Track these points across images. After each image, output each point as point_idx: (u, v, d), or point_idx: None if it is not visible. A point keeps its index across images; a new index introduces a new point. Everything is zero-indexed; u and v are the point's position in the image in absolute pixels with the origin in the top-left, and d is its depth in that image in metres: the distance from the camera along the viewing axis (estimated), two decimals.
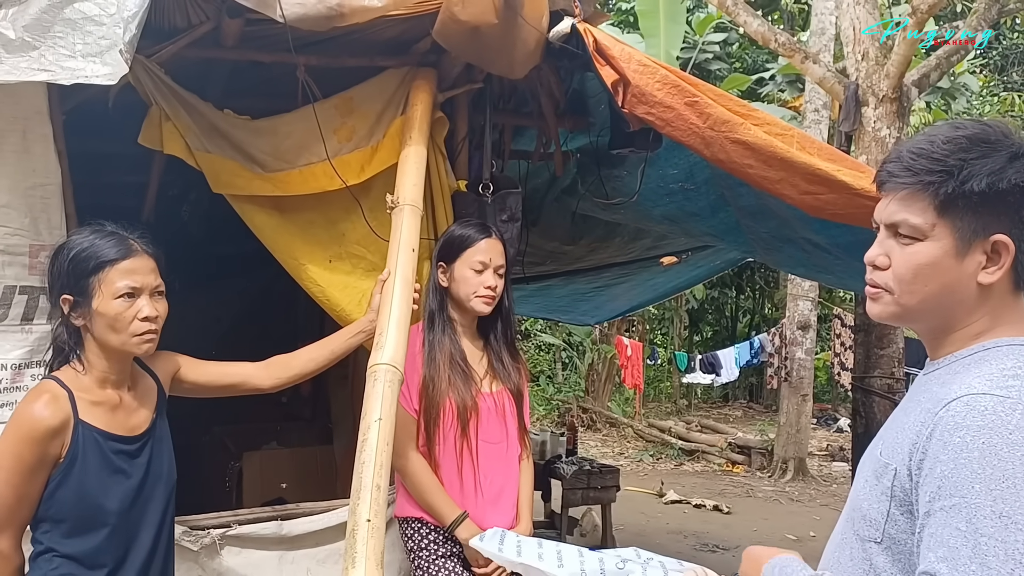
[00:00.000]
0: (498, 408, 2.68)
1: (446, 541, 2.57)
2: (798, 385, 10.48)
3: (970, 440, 1.13)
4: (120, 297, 1.93)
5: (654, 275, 6.32)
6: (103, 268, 1.93)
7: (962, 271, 1.26)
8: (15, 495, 1.87)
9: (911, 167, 1.28)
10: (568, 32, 2.76)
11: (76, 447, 1.92)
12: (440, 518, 2.54)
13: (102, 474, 1.95)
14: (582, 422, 12.84)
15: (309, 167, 2.87)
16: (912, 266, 1.29)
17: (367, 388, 2.16)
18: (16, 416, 1.92)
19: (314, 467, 4.60)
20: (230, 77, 3.07)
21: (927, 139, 1.29)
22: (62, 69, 2.09)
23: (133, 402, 2.06)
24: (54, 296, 2.00)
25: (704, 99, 2.66)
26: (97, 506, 1.94)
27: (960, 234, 1.25)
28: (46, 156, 2.53)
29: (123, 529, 1.99)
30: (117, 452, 1.98)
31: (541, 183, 4.42)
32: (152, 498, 2.06)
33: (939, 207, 1.26)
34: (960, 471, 1.13)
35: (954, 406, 1.18)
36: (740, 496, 9.45)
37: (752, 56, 15.70)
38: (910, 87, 5.22)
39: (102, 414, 1.98)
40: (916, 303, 1.31)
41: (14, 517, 1.89)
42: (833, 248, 3.33)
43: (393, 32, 2.80)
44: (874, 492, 1.28)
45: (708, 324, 18.58)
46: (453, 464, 2.58)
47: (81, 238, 1.99)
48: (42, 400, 1.90)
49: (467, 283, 2.62)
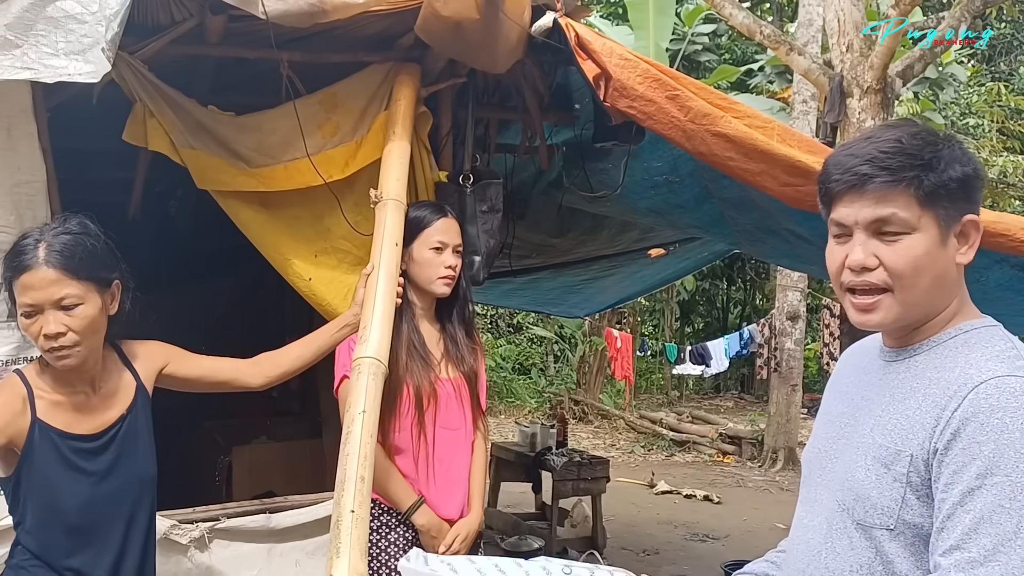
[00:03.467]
0: (457, 393, 2.62)
1: (399, 524, 2.53)
2: (788, 375, 10.54)
3: (1009, 420, 1.18)
4: (22, 315, 1.87)
5: (642, 267, 6.35)
6: (12, 282, 1.87)
7: (947, 256, 1.32)
8: None
9: (889, 166, 1.30)
10: (550, 27, 2.78)
11: (31, 445, 1.90)
12: (396, 504, 2.50)
13: (57, 472, 1.92)
14: (574, 414, 12.87)
15: (294, 163, 2.88)
16: (910, 259, 1.30)
17: (351, 381, 2.18)
18: None
19: (304, 461, 4.63)
20: (214, 74, 3.08)
21: (893, 139, 1.33)
22: (45, 67, 2.10)
23: (102, 400, 2.02)
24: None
25: (685, 92, 2.69)
26: (52, 504, 1.93)
27: (943, 222, 1.30)
28: (31, 154, 2.54)
29: (85, 528, 1.96)
30: (76, 451, 1.95)
31: (527, 177, 4.44)
32: (120, 497, 2.02)
33: (923, 199, 1.30)
34: (1004, 451, 1.17)
35: (983, 389, 1.22)
36: (730, 486, 9.51)
37: (741, 47, 15.70)
38: (894, 78, 5.25)
39: (62, 412, 1.94)
40: (918, 297, 1.32)
41: None
42: (816, 239, 3.35)
43: (376, 28, 2.81)
44: (883, 480, 1.29)
45: (699, 315, 18.63)
46: (409, 451, 2.53)
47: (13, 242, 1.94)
48: (6, 385, 1.92)
49: (428, 265, 2.57)
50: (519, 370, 15.73)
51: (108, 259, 1.96)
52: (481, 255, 3.02)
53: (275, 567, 2.90)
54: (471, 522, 2.61)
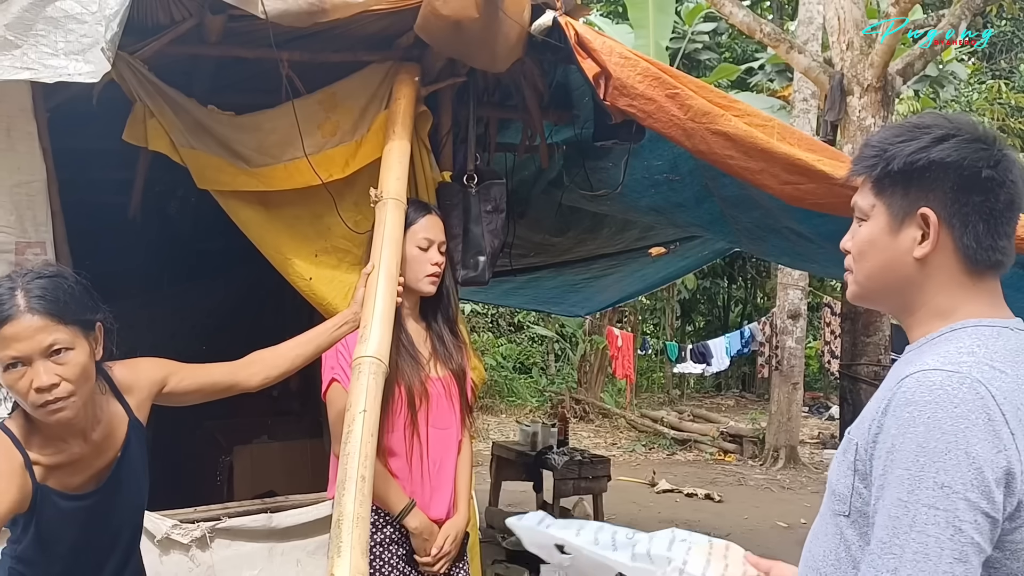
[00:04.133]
0: (447, 392, 2.59)
1: (386, 525, 2.47)
2: (789, 374, 10.54)
3: (917, 414, 1.18)
4: (6, 369, 1.69)
5: (643, 266, 6.35)
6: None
7: (897, 247, 1.33)
8: None
9: (860, 155, 1.38)
10: (550, 25, 2.78)
11: (35, 508, 1.79)
12: (389, 507, 2.45)
13: (60, 526, 1.85)
14: (575, 413, 12.88)
15: (294, 162, 2.88)
16: (857, 244, 1.39)
17: (352, 380, 2.18)
18: None
19: (304, 461, 4.63)
20: (214, 73, 3.09)
21: (881, 130, 1.39)
22: (45, 67, 2.10)
23: (93, 449, 1.88)
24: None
25: (685, 91, 2.69)
26: (50, 544, 1.86)
27: (892, 211, 1.33)
28: (31, 154, 2.54)
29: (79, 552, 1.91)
30: (76, 507, 1.86)
31: (528, 176, 4.44)
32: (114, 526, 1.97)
33: (873, 188, 1.36)
34: (907, 444, 1.18)
35: (906, 383, 1.22)
36: (732, 485, 9.51)
37: (741, 46, 15.70)
38: (895, 76, 5.24)
39: (58, 473, 1.83)
40: (866, 280, 1.39)
41: None
42: (816, 237, 3.36)
43: (376, 27, 2.81)
44: (841, 467, 1.33)
45: (700, 314, 18.63)
46: (402, 452, 2.49)
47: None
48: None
49: (416, 262, 2.54)
50: (520, 369, 15.74)
51: (88, 300, 1.82)
52: (486, 255, 3.03)
53: (276, 566, 2.90)
54: (459, 522, 2.58)
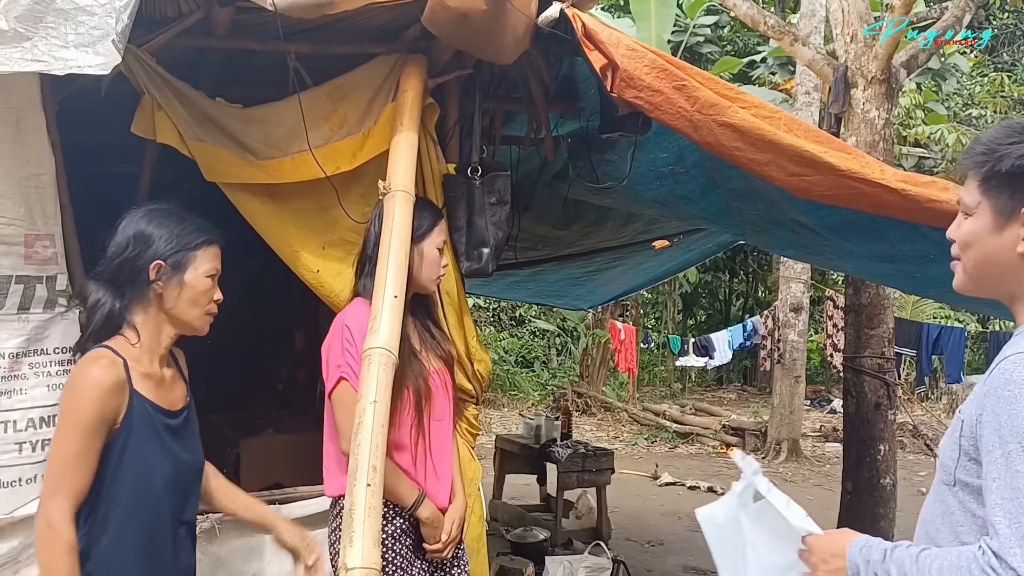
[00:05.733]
0: (443, 383, 2.64)
1: (396, 516, 2.50)
2: (791, 367, 10.55)
3: (1018, 392, 1.30)
4: (209, 276, 2.08)
5: (646, 259, 6.36)
6: (201, 247, 2.07)
7: (1002, 243, 1.44)
8: (72, 454, 1.87)
9: (971, 152, 1.48)
10: (557, 17, 2.77)
11: (132, 416, 1.95)
12: (401, 500, 2.48)
13: (152, 446, 1.98)
14: (577, 407, 12.89)
15: (301, 155, 2.89)
16: (962, 236, 1.51)
17: (362, 371, 2.19)
18: (74, 378, 1.95)
19: (311, 453, 4.62)
20: (222, 66, 3.09)
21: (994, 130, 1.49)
22: (55, 59, 2.10)
23: (170, 379, 2.11)
24: (140, 259, 2.01)
25: (692, 83, 2.68)
26: (144, 480, 1.96)
27: (996, 210, 1.44)
28: (40, 146, 2.54)
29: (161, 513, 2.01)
30: (164, 426, 2.02)
31: (532, 168, 4.45)
32: (185, 481, 2.09)
33: (980, 186, 1.47)
34: (1012, 421, 1.29)
35: (1003, 364, 1.36)
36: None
37: (743, 39, 15.69)
38: (899, 68, 5.23)
39: (151, 387, 2.02)
40: (971, 270, 1.51)
41: (70, 480, 1.87)
42: (822, 229, 3.36)
43: (382, 19, 2.81)
44: (948, 442, 1.48)
45: (701, 308, 18.64)
46: (408, 446, 2.52)
47: (174, 214, 2.09)
48: (100, 363, 1.93)
49: (434, 263, 2.60)
50: (522, 363, 15.75)
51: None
52: (490, 247, 3.03)
53: (284, 557, 2.89)
54: (460, 506, 2.64)
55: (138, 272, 2.01)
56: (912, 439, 10.92)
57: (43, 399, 2.53)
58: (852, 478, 5.21)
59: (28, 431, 2.50)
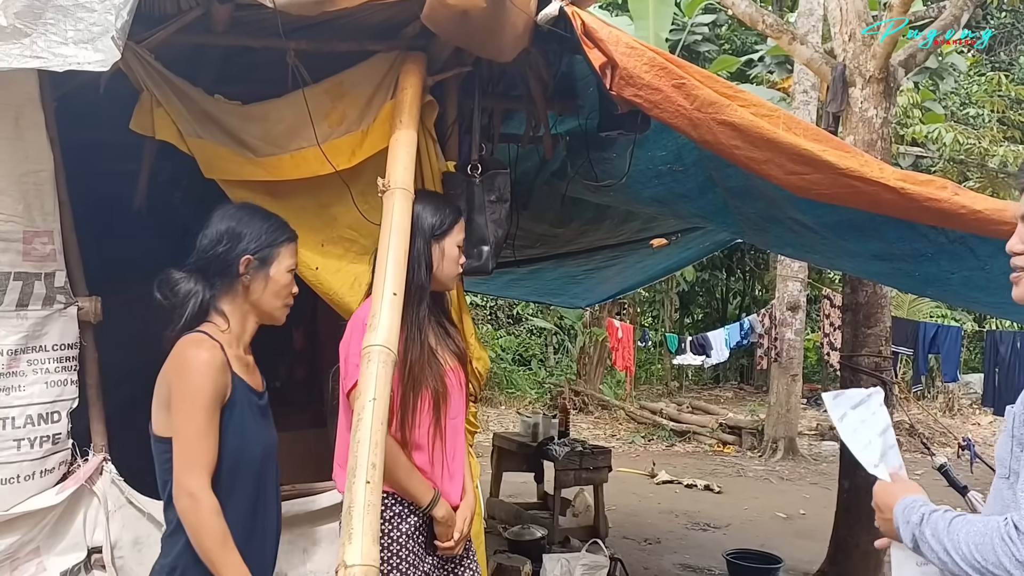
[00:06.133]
0: (458, 381, 2.66)
1: (410, 514, 2.52)
2: (788, 365, 10.56)
3: None
4: (290, 271, 2.27)
5: (644, 257, 6.36)
6: (284, 244, 2.26)
7: None
8: (198, 431, 2.02)
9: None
10: (556, 15, 2.77)
11: (235, 393, 2.12)
12: (417, 499, 2.50)
13: (253, 422, 2.17)
14: (574, 405, 12.90)
15: (300, 152, 2.89)
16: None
17: (361, 368, 2.19)
18: (183, 362, 2.06)
19: (309, 451, 4.63)
20: (221, 63, 3.08)
21: None
22: (54, 56, 2.10)
23: (253, 365, 2.29)
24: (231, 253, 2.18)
25: (691, 81, 2.68)
26: (251, 452, 2.15)
27: None
28: (39, 143, 2.54)
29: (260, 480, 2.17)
30: (253, 405, 2.20)
31: (531, 166, 4.45)
32: (267, 460, 2.22)
33: None
34: None
35: None
36: (731, 476, 9.54)
37: (741, 37, 15.69)
38: (897, 67, 5.24)
39: (242, 369, 2.19)
40: None
41: (200, 455, 2.02)
42: (820, 228, 3.37)
43: (382, 16, 2.81)
44: (1003, 438, 1.55)
45: (699, 306, 18.65)
46: (426, 446, 2.54)
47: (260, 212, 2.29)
48: (204, 345, 2.09)
49: (454, 261, 2.63)
50: (519, 361, 15.76)
51: None
52: (490, 245, 3.03)
53: (283, 555, 2.89)
54: (471, 503, 2.66)
55: (228, 265, 2.18)
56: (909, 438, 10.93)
57: (41, 396, 2.54)
58: (849, 476, 5.22)
59: (26, 428, 2.51)
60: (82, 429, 2.68)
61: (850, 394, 1.97)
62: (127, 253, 3.71)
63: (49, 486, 2.56)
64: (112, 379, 2.81)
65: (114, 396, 2.82)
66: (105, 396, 2.75)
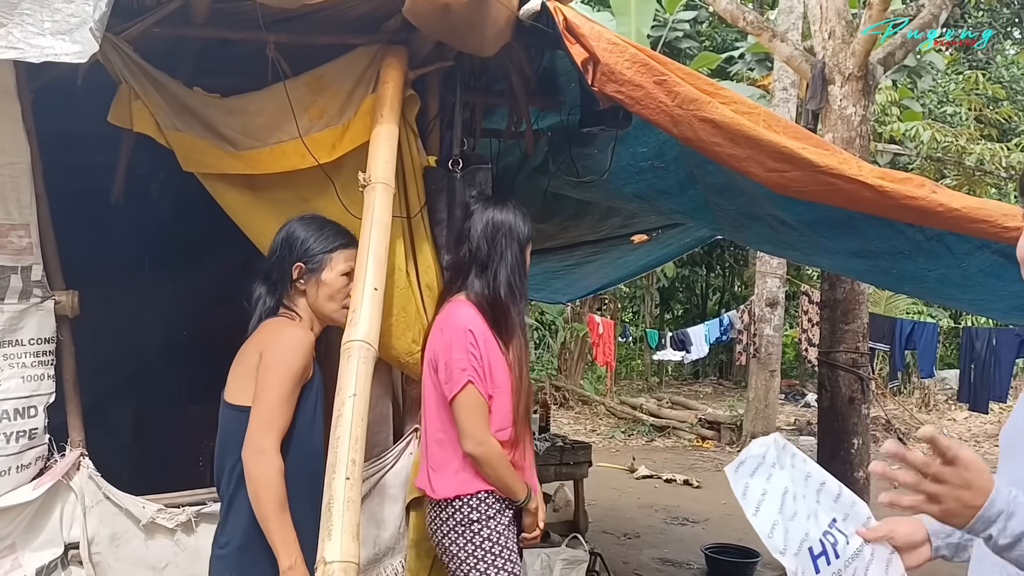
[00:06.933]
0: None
1: (506, 509, 2.72)
2: (766, 361, 10.63)
3: None
4: (344, 275, 2.41)
5: (625, 253, 6.37)
6: (337, 249, 2.43)
7: None
8: (282, 397, 2.19)
9: None
10: (538, 10, 2.77)
11: (314, 378, 2.31)
12: (515, 495, 2.70)
13: (320, 410, 2.34)
14: (555, 400, 12.93)
15: (280, 145, 2.87)
16: None
17: (341, 364, 2.19)
18: (278, 337, 2.27)
19: None
20: (200, 55, 3.05)
21: None
22: (31, 47, 2.07)
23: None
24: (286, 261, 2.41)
25: (673, 77, 2.69)
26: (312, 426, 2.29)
27: None
28: (15, 135, 2.51)
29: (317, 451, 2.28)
30: (322, 398, 2.35)
31: (513, 162, 4.44)
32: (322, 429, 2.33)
33: None
34: None
35: None
36: (710, 471, 9.60)
37: (722, 35, 15.75)
38: (876, 65, 5.27)
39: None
40: None
41: (278, 419, 2.18)
42: (798, 225, 3.38)
43: (363, 10, 2.79)
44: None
45: (679, 302, 18.73)
46: (517, 442, 2.73)
47: (316, 221, 2.48)
48: (300, 324, 2.34)
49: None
50: None
51: None
52: None
53: None
54: (541, 495, 2.91)
55: (284, 272, 2.40)
56: (885, 433, 11.05)
57: (17, 391, 2.51)
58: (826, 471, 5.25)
59: (2, 423, 2.48)
60: (59, 424, 2.65)
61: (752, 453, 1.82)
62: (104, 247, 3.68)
63: (25, 481, 2.54)
64: (89, 373, 2.79)
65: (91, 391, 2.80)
66: (82, 390, 2.72)
